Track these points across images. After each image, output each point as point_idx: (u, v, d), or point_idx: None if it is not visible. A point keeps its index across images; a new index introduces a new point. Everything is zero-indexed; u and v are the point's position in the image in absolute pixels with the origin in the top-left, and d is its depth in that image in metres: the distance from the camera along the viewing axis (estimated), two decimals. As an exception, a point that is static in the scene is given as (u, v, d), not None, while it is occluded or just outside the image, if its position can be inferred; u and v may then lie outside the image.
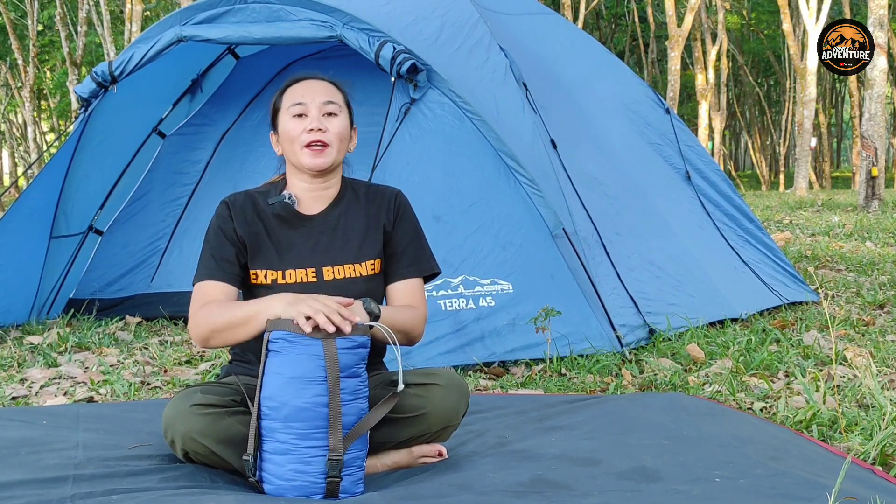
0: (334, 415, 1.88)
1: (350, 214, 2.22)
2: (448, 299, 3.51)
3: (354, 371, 1.94)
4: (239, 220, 2.15)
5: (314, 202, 2.21)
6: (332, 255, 2.16)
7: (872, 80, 12.09)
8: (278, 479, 1.91)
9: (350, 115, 2.24)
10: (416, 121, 3.79)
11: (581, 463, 2.11)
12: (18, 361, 3.75)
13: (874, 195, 12.01)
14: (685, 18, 17.55)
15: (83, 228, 4.92)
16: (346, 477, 1.92)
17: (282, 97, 2.21)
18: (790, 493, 1.91)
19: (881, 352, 3.60)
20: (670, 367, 3.44)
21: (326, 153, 2.15)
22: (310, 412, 1.88)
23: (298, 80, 2.21)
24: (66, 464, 2.07)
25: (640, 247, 4.23)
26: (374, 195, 2.26)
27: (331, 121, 2.16)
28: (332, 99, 2.18)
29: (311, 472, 1.89)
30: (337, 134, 2.16)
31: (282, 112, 2.19)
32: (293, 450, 1.89)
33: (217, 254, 2.13)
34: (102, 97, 4.51)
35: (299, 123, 2.15)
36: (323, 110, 2.16)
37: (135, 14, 14.24)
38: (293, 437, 1.89)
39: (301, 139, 2.14)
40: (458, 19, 4.23)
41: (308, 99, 2.15)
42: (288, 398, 1.89)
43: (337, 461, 1.88)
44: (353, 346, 1.93)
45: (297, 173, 2.21)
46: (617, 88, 5.15)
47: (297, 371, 1.89)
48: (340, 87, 2.24)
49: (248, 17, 4.13)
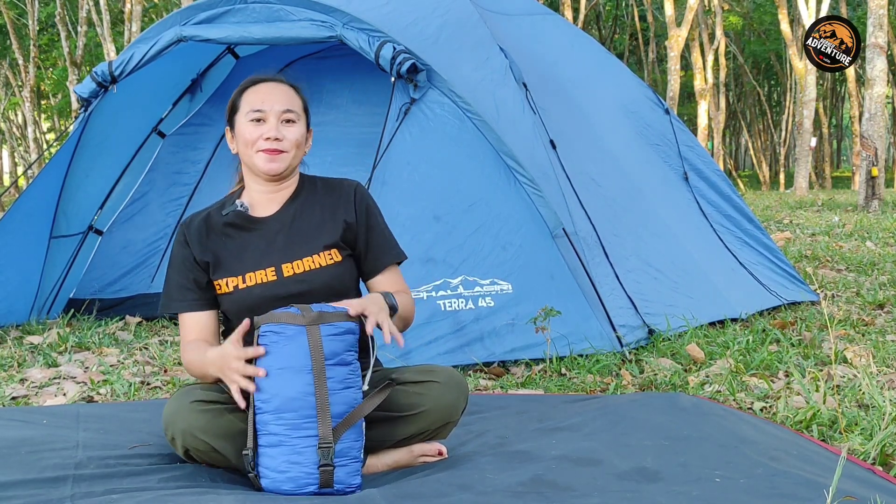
0: (322, 403, 1.90)
1: (306, 209, 2.23)
2: (447, 299, 3.51)
3: (343, 359, 1.95)
4: (195, 244, 2.19)
5: (269, 203, 2.23)
6: (291, 252, 2.17)
7: (872, 80, 12.08)
8: (273, 472, 1.92)
9: (307, 119, 2.25)
10: (417, 121, 3.79)
11: (581, 463, 2.11)
12: (18, 361, 3.74)
13: (874, 195, 12.00)
14: (684, 18, 17.55)
15: (83, 228, 4.92)
16: (341, 467, 1.92)
17: (241, 97, 2.21)
18: (790, 493, 1.90)
19: (881, 352, 3.60)
20: (670, 367, 3.44)
21: (281, 158, 2.16)
22: (299, 402, 1.90)
23: (258, 81, 2.21)
24: (65, 463, 2.07)
25: (637, 248, 4.23)
26: (332, 188, 2.27)
27: (288, 128, 2.17)
28: (291, 107, 2.18)
29: (304, 462, 1.90)
30: (293, 141, 2.17)
31: (240, 114, 2.19)
32: (286, 441, 1.91)
33: (182, 283, 2.19)
34: (102, 97, 4.51)
35: (256, 129, 2.16)
36: (281, 118, 2.16)
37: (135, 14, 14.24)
38: (285, 428, 1.90)
39: (257, 144, 2.15)
40: (458, 19, 4.23)
41: (267, 106, 2.16)
42: (277, 389, 1.91)
43: (327, 449, 1.89)
44: (338, 333, 1.95)
45: (252, 175, 2.22)
46: (616, 89, 5.15)
47: (284, 362, 1.92)
48: (299, 93, 2.24)
49: (247, 18, 4.13)
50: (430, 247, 3.54)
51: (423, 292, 3.44)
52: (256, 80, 2.21)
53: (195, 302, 2.17)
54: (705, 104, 19.51)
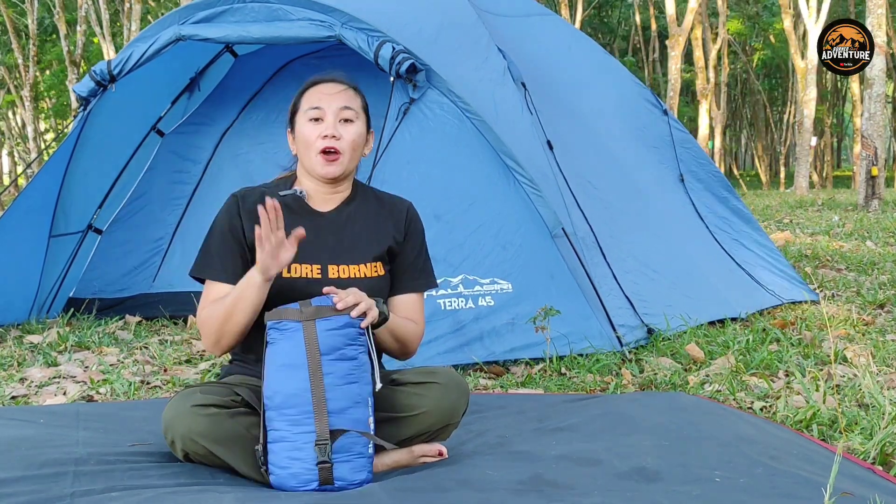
0: (318, 399, 1.90)
1: (359, 216, 2.22)
2: (447, 298, 3.50)
3: (344, 353, 1.94)
4: (247, 217, 2.14)
5: (324, 202, 2.22)
6: (339, 254, 2.16)
7: (872, 79, 12.07)
8: (277, 468, 1.93)
9: (367, 119, 2.23)
10: (416, 120, 3.78)
11: (581, 463, 2.11)
12: (18, 361, 3.74)
13: (874, 194, 11.99)
14: (685, 18, 17.54)
15: (82, 227, 4.91)
16: (342, 464, 1.91)
17: (301, 98, 2.21)
18: (790, 493, 1.90)
19: (881, 351, 3.60)
20: (670, 367, 3.43)
21: (339, 162, 2.16)
22: (298, 398, 1.91)
23: (318, 82, 2.21)
24: (66, 460, 2.07)
25: (634, 250, 4.23)
26: (386, 203, 2.28)
27: (346, 127, 2.17)
28: (349, 105, 2.18)
29: (305, 458, 1.91)
30: (351, 142, 2.16)
31: (299, 114, 2.20)
32: (287, 437, 1.91)
33: (222, 252, 2.14)
34: (101, 96, 4.50)
35: (315, 128, 2.16)
36: (339, 116, 2.16)
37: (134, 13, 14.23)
38: (286, 423, 1.92)
39: (316, 145, 2.15)
40: (456, 19, 4.22)
41: (325, 104, 2.16)
42: (280, 386, 1.93)
43: (324, 446, 1.89)
44: (336, 328, 1.94)
45: (309, 175, 2.22)
46: (614, 91, 5.14)
47: (285, 358, 1.93)
48: (359, 91, 2.23)
49: (246, 17, 4.12)
50: (430, 246, 3.49)
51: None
52: (316, 80, 2.21)
53: (230, 274, 2.11)
54: (706, 104, 19.51)
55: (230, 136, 5.32)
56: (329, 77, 2.22)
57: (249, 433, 1.99)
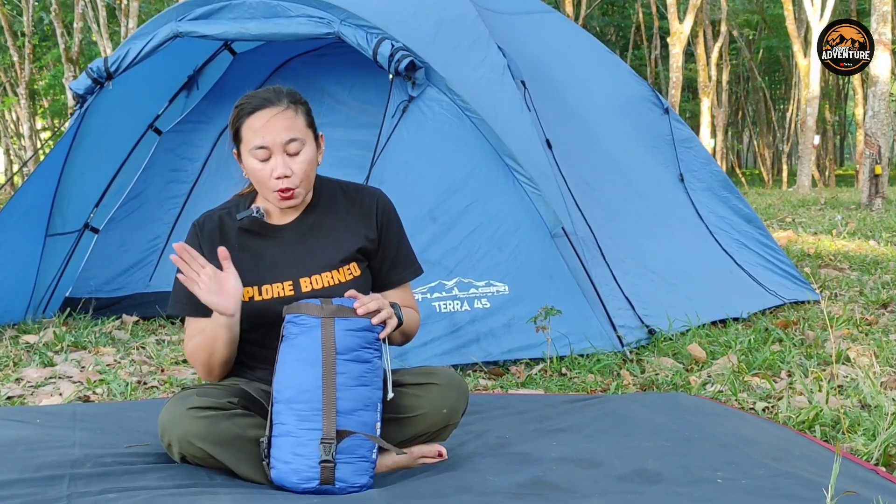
0: (328, 398, 1.90)
1: (325, 220, 2.18)
2: (442, 301, 3.48)
3: (360, 355, 1.94)
4: (207, 246, 2.13)
5: (284, 216, 2.19)
6: (308, 266, 2.14)
7: (876, 77, 12.03)
8: (280, 463, 1.93)
9: (314, 132, 2.15)
10: (414, 119, 3.76)
11: (582, 464, 2.11)
12: (14, 361, 3.72)
13: (878, 193, 11.95)
14: (687, 16, 17.52)
15: (79, 226, 4.89)
16: (344, 465, 1.91)
17: (241, 127, 2.10)
18: (792, 494, 1.90)
19: (884, 351, 3.58)
20: (671, 367, 3.42)
21: (296, 194, 2.10)
22: (309, 394, 1.91)
23: (256, 109, 2.08)
24: (62, 462, 2.07)
25: (633, 251, 4.21)
26: (354, 198, 2.22)
27: (295, 161, 2.08)
28: (294, 134, 2.07)
29: (308, 455, 1.90)
30: (303, 173, 2.09)
31: (243, 146, 2.11)
32: (293, 432, 1.91)
33: None
34: (98, 93, 4.48)
35: (265, 166, 2.07)
36: (286, 150, 2.07)
37: (131, 10, 14.19)
38: (294, 418, 1.91)
39: (269, 184, 2.08)
40: (455, 17, 4.20)
41: (269, 140, 2.05)
42: (291, 380, 1.93)
43: (329, 445, 1.88)
44: (355, 329, 1.94)
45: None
46: (614, 89, 5.12)
47: (300, 353, 1.93)
48: (300, 106, 2.12)
49: (244, 13, 4.10)
50: (426, 248, 3.50)
51: (418, 294, 3.40)
52: (254, 106, 2.08)
53: (199, 305, 2.08)
54: (708, 101, 19.49)
55: (228, 134, 5.28)
56: (265, 100, 2.09)
57: (247, 435, 1.98)
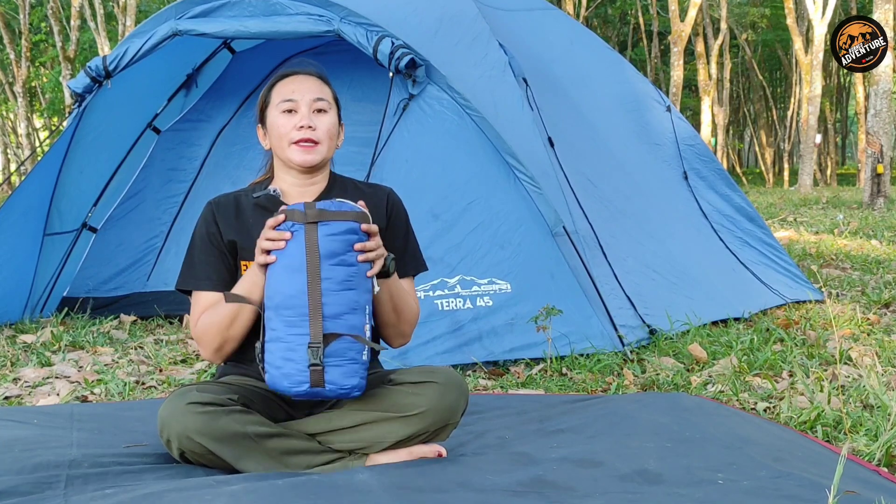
0: (314, 303, 1.92)
1: None
2: (444, 299, 3.46)
3: (344, 259, 1.95)
4: (224, 222, 2.16)
5: (300, 196, 2.21)
6: None
7: (878, 75, 12.01)
8: (272, 368, 1.97)
9: (338, 111, 2.23)
10: (415, 117, 3.74)
11: (582, 464, 2.10)
12: (12, 360, 3.71)
13: (880, 192, 11.95)
14: (688, 14, 17.50)
15: (77, 225, 4.88)
16: (334, 368, 1.94)
17: (271, 92, 2.21)
18: (794, 495, 1.89)
19: (886, 351, 3.57)
20: (672, 367, 3.40)
21: (316, 150, 2.15)
22: (295, 300, 1.93)
23: (288, 74, 2.20)
24: (59, 462, 2.07)
25: (635, 250, 4.20)
26: (366, 193, 2.26)
27: (320, 118, 2.16)
28: (322, 96, 2.18)
29: (297, 359, 1.93)
30: (326, 131, 2.16)
31: (271, 107, 2.19)
32: (283, 337, 1.95)
33: (205, 261, 2.15)
34: (96, 92, 4.46)
35: (289, 120, 2.15)
36: (313, 107, 2.16)
37: (129, 8, 14.17)
38: (283, 324, 1.95)
39: (290, 136, 2.14)
40: (456, 14, 4.18)
41: (298, 95, 2.15)
42: (278, 286, 1.95)
43: (317, 349, 1.91)
44: (338, 233, 1.95)
45: (285, 168, 2.21)
46: (616, 87, 5.11)
47: (286, 260, 1.95)
48: (329, 83, 2.23)
49: (244, 11, 4.08)
50: (427, 246, 3.45)
51: (421, 291, 3.39)
52: (285, 73, 2.20)
53: (216, 281, 2.13)
54: (709, 100, 19.47)
55: (227, 133, 5.29)
56: (299, 69, 2.21)
57: (246, 430, 1.98)
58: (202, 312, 2.12)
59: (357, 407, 2.07)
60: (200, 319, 2.11)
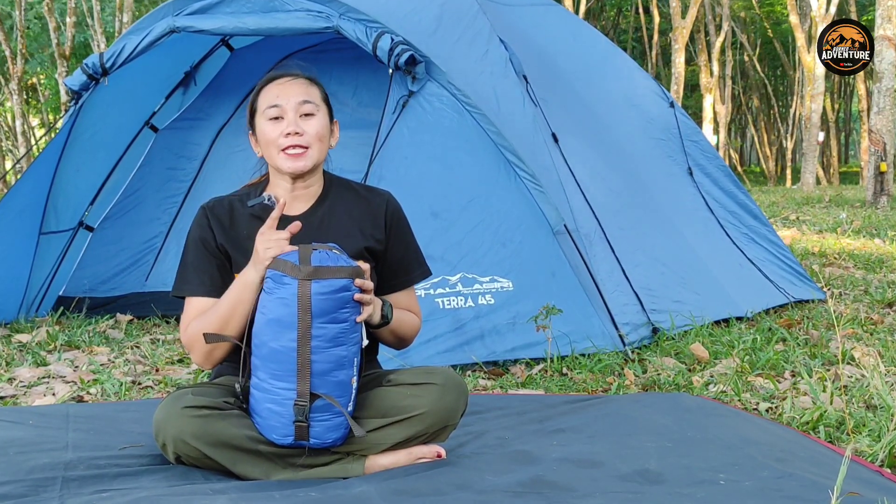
0: (303, 360, 1.91)
1: (334, 214, 2.19)
2: (446, 297, 3.44)
3: (335, 317, 1.93)
4: (218, 228, 2.14)
5: (296, 202, 2.18)
6: None
7: (881, 73, 11.97)
8: (256, 416, 1.98)
9: (329, 110, 2.19)
10: (415, 114, 3.72)
11: (582, 464, 2.10)
12: (6, 360, 3.69)
13: (883, 191, 11.92)
14: (689, 11, 17.48)
15: (73, 224, 4.86)
16: (319, 423, 1.94)
17: (258, 98, 2.17)
18: (796, 496, 1.89)
19: (889, 351, 3.55)
20: (674, 367, 3.39)
21: (306, 156, 2.11)
22: (284, 355, 1.92)
23: (273, 79, 2.17)
24: (55, 464, 2.07)
25: (643, 243, 4.17)
26: (363, 197, 2.23)
27: (308, 122, 2.12)
28: (308, 98, 2.13)
29: (283, 413, 1.93)
30: (315, 134, 2.12)
31: (258, 115, 2.16)
32: (269, 389, 1.94)
33: (199, 267, 2.13)
34: (93, 90, 4.45)
35: (276, 126, 2.11)
36: (299, 111, 2.11)
37: (126, 4, 14.13)
38: (269, 376, 1.94)
39: (279, 143, 2.11)
40: (456, 10, 4.16)
41: (283, 100, 2.11)
42: (266, 339, 1.94)
43: (302, 407, 1.91)
44: (330, 292, 1.92)
45: (279, 175, 2.17)
46: (620, 82, 5.09)
47: (275, 313, 1.92)
48: (317, 82, 2.19)
49: (242, 8, 4.06)
50: (427, 244, 3.43)
51: (421, 290, 3.37)
52: (271, 77, 2.17)
53: (209, 286, 2.10)
54: (710, 98, 19.45)
55: (226, 132, 5.27)
56: (284, 71, 2.17)
57: (242, 434, 1.97)
58: (193, 318, 2.10)
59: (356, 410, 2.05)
60: (191, 325, 2.09)
